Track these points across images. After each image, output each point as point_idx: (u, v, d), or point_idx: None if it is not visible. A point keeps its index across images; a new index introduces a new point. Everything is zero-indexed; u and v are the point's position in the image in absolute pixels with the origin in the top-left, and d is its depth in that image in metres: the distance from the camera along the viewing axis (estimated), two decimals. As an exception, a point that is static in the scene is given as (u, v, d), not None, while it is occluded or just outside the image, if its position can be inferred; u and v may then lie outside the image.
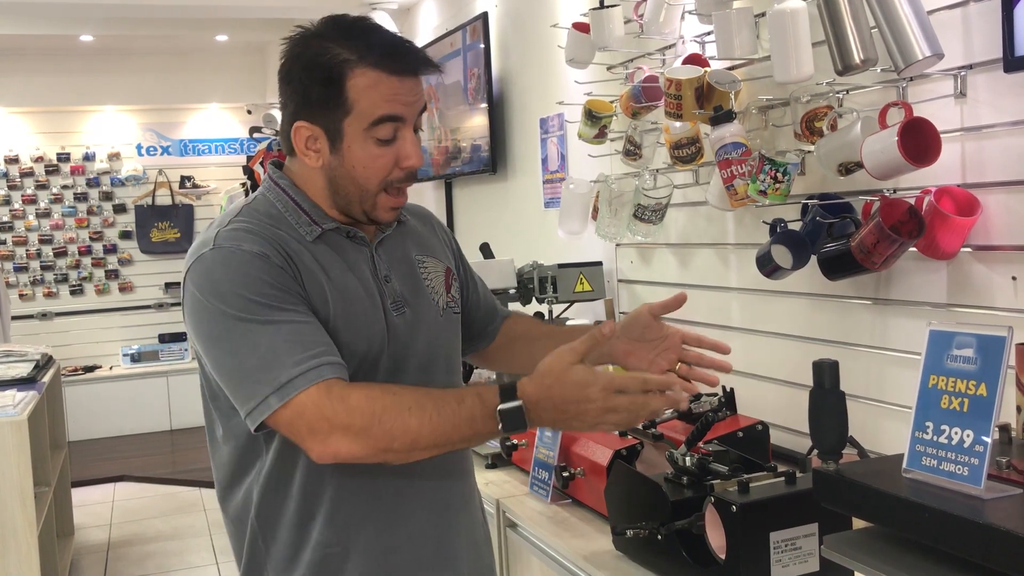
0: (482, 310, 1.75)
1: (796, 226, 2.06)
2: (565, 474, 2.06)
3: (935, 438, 1.20)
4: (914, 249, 1.78)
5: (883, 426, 1.95)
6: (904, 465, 1.23)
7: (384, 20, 5.02)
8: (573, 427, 1.34)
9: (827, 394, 1.37)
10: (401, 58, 1.41)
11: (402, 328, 1.48)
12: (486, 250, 3.10)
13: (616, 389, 1.29)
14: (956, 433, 1.17)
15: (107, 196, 7.57)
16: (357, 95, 1.39)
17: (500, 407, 1.30)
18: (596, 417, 1.30)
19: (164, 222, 7.64)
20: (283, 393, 1.30)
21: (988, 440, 1.14)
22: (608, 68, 2.79)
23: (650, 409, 1.30)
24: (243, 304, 1.33)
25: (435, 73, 1.46)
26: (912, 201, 1.77)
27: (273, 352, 1.31)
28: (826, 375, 1.37)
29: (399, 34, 1.49)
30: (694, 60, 2.33)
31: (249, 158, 6.25)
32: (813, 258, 1.98)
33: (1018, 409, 1.38)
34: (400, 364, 1.47)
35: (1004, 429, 1.34)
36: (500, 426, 1.30)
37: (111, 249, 7.60)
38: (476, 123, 4.14)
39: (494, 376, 2.60)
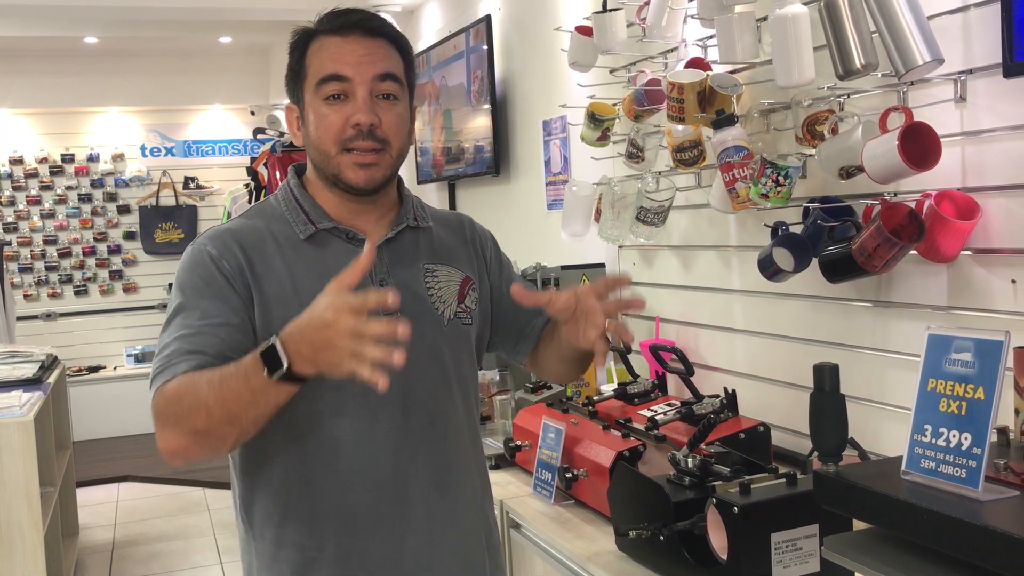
0: (520, 309, 1.61)
1: (797, 229, 2.07)
2: (568, 475, 2.08)
3: (934, 441, 1.21)
4: (915, 252, 1.79)
5: (884, 427, 1.96)
6: (903, 467, 1.25)
7: (387, 22, 5.02)
8: (331, 361, 1.22)
9: (827, 397, 1.38)
10: (342, 17, 1.48)
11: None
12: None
13: (350, 308, 1.19)
14: (954, 436, 1.18)
15: (111, 197, 7.59)
16: (310, 60, 1.49)
17: (260, 349, 1.28)
18: (344, 343, 1.19)
19: (168, 223, 7.66)
20: (150, 384, 1.41)
21: (986, 443, 1.15)
22: (611, 71, 2.81)
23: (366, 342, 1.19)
24: (179, 294, 1.46)
25: (373, 35, 1.47)
26: (913, 205, 1.78)
27: (164, 345, 1.42)
28: (826, 378, 1.38)
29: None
30: (696, 64, 2.34)
31: (253, 159, 6.26)
32: (814, 261, 1.99)
33: (1016, 412, 1.39)
34: None
35: (1002, 432, 1.35)
36: (265, 371, 1.26)
37: (115, 250, 7.62)
38: (479, 125, 4.15)
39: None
